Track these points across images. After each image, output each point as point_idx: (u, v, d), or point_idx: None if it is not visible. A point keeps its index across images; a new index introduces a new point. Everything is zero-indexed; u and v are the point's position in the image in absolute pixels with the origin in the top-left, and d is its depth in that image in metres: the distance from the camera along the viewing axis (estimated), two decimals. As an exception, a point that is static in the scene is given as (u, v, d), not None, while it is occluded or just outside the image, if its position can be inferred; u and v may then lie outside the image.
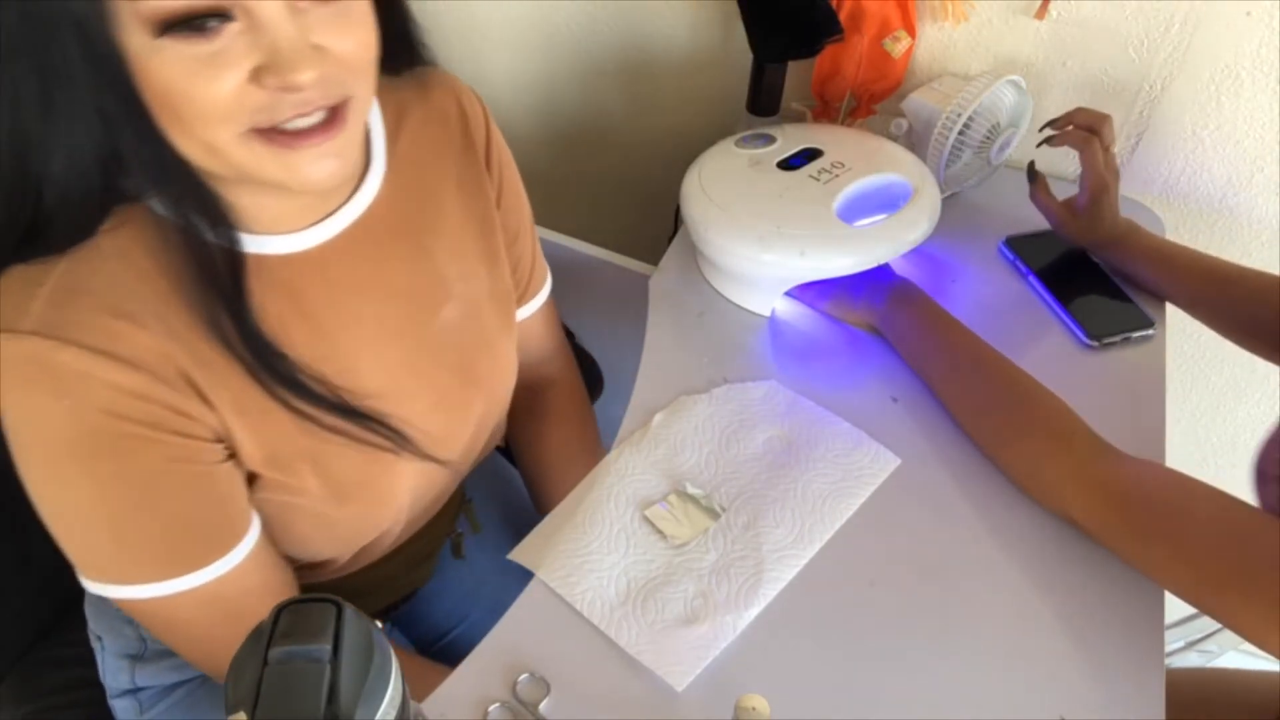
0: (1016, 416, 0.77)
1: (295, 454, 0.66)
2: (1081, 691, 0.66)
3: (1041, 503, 0.75)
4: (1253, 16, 0.95)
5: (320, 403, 0.65)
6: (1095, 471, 0.71)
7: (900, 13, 1.02)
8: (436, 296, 0.73)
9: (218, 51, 0.51)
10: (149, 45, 0.50)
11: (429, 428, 0.73)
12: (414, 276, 0.71)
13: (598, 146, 1.42)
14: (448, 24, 1.34)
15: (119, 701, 0.86)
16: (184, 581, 0.63)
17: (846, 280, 0.91)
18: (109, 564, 0.62)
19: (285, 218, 0.63)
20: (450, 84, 0.76)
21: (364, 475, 0.70)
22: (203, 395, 0.60)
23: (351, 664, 0.39)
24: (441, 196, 0.74)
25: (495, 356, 0.79)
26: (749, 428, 0.83)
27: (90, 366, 0.56)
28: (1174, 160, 1.08)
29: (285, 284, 0.64)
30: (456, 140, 0.75)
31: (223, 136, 0.53)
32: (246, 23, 0.51)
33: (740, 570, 0.72)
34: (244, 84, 0.52)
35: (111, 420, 0.57)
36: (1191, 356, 1.23)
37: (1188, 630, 1.35)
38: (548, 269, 0.91)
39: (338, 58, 0.55)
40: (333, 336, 0.66)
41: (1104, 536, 0.70)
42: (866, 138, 0.99)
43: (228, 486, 0.64)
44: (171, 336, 0.58)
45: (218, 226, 0.59)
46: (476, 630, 0.77)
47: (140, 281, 0.58)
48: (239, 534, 0.65)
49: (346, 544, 0.75)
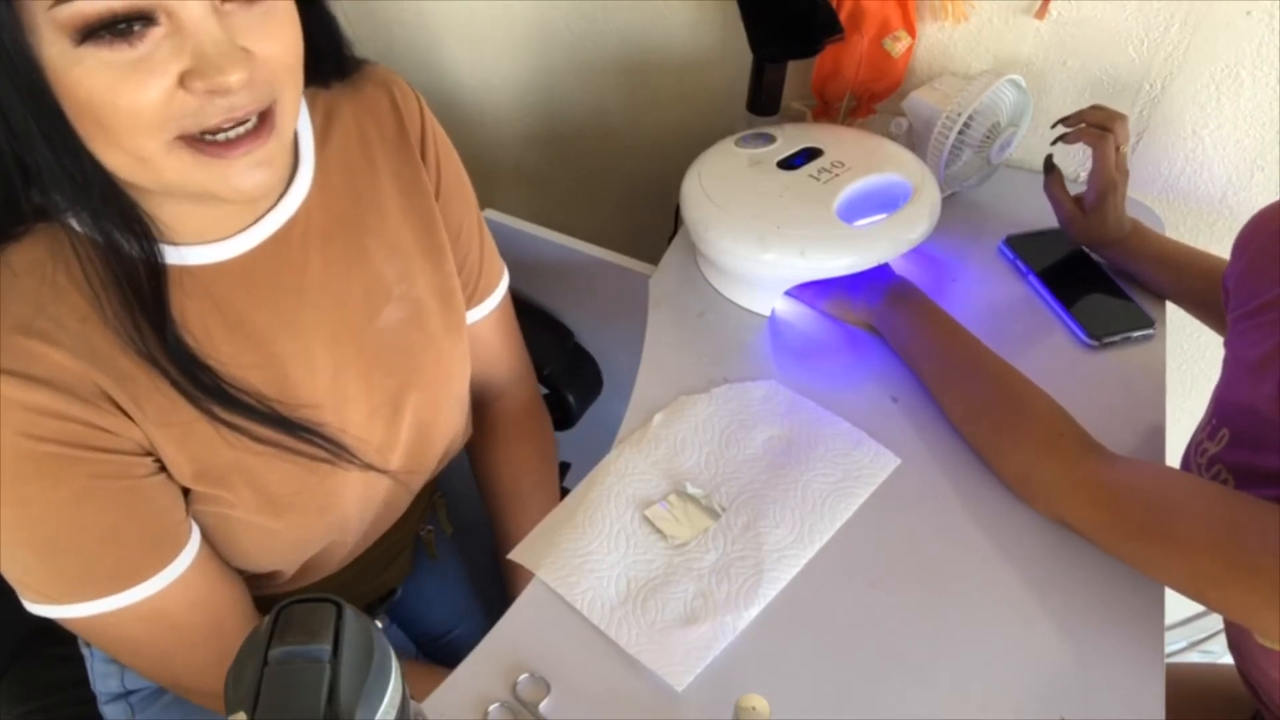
0: (1008, 420, 0.76)
1: (226, 467, 0.64)
2: (1081, 691, 0.66)
3: (1036, 507, 0.75)
4: (1253, 16, 0.95)
5: (249, 414, 0.63)
6: (1085, 473, 0.71)
7: (900, 12, 1.02)
8: (375, 299, 0.71)
9: (142, 57, 0.49)
10: (69, 54, 0.48)
11: (368, 436, 0.72)
12: (349, 280, 0.69)
13: (598, 146, 1.41)
14: (447, 24, 1.33)
15: (110, 707, 0.85)
16: (124, 597, 0.62)
17: (846, 280, 0.91)
18: (45, 585, 0.62)
19: (208, 227, 0.62)
20: (382, 77, 0.74)
21: (300, 486, 0.68)
22: (123, 410, 0.59)
23: (351, 664, 0.39)
24: (377, 195, 0.72)
25: (441, 359, 0.77)
26: (749, 428, 0.83)
27: (4, 389, 0.54)
28: (1174, 160, 1.08)
29: (210, 294, 0.62)
30: (390, 134, 0.73)
31: (150, 146, 0.52)
32: (170, 26, 0.50)
33: (740, 570, 0.72)
34: (171, 90, 0.50)
35: (30, 442, 0.56)
36: (1191, 356, 1.23)
37: (1189, 630, 1.35)
38: (503, 269, 0.88)
39: (264, 60, 0.54)
40: (262, 346, 0.65)
41: (1099, 538, 0.70)
42: (866, 137, 0.99)
43: (161, 499, 0.63)
44: (89, 353, 0.57)
45: (139, 239, 0.57)
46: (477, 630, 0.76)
47: (55, 297, 0.57)
48: (177, 547, 0.64)
49: (289, 555, 0.74)
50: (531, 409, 0.96)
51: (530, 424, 0.95)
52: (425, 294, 0.75)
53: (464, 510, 1.01)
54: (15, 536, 0.59)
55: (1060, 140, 0.94)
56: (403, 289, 0.73)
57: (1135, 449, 0.82)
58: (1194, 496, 0.65)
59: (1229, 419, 0.71)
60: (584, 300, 1.15)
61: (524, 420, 0.95)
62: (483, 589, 1.01)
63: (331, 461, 0.69)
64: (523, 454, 0.93)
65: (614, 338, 1.15)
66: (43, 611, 0.63)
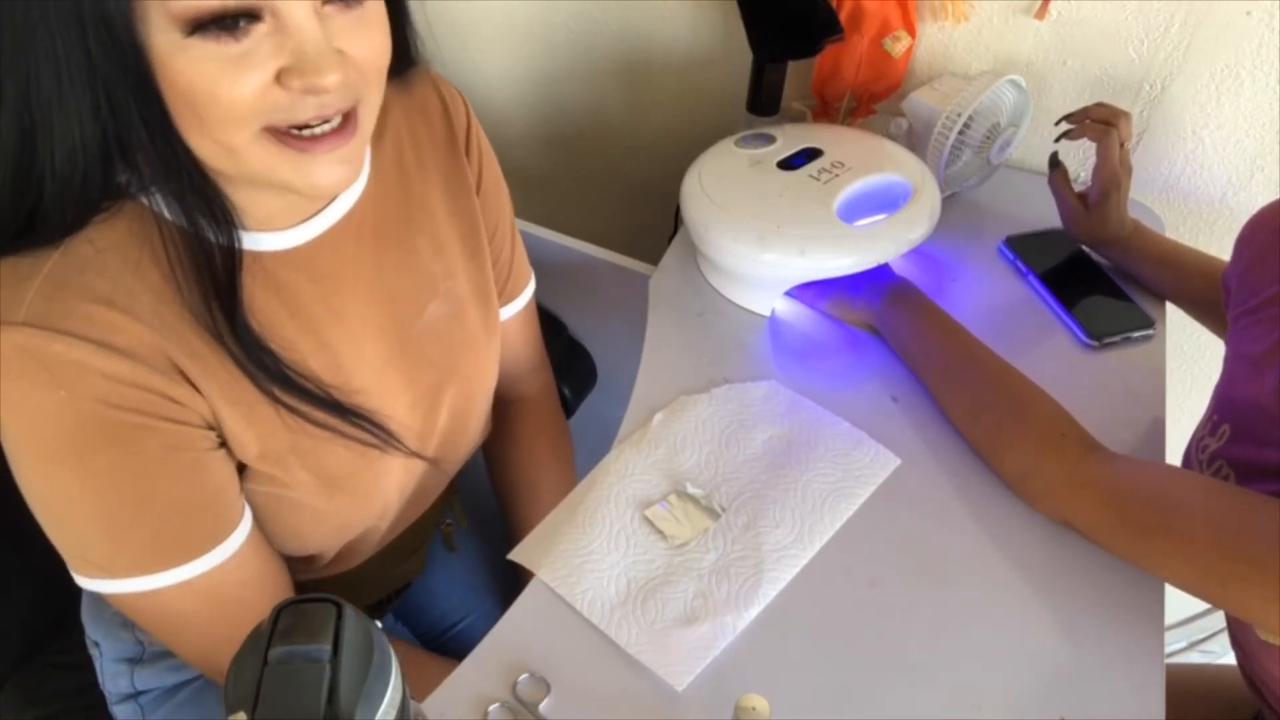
0: (1008, 420, 0.77)
1: (285, 448, 0.66)
2: (1081, 691, 0.66)
3: (1036, 507, 0.75)
4: (1253, 16, 0.95)
5: (308, 398, 0.65)
6: (1087, 472, 0.71)
7: (900, 13, 1.02)
8: (422, 294, 0.73)
9: (246, 52, 0.51)
10: (177, 44, 0.50)
11: (411, 424, 0.74)
12: (399, 274, 0.71)
13: (598, 146, 1.41)
14: (448, 23, 1.34)
15: (120, 708, 0.85)
16: (179, 573, 0.63)
17: (846, 280, 0.91)
18: (103, 558, 0.62)
19: (275, 215, 0.63)
20: (429, 77, 0.75)
21: (352, 469, 0.70)
22: (193, 383, 0.61)
23: (351, 664, 0.39)
24: (426, 192, 0.74)
25: (478, 355, 0.79)
26: (749, 428, 0.83)
27: (84, 356, 0.56)
28: (1174, 160, 1.08)
29: (273, 280, 0.64)
30: (439, 134, 0.75)
31: (241, 137, 0.53)
32: (274, 24, 0.51)
33: (740, 570, 0.72)
34: (268, 85, 0.52)
35: (108, 410, 0.57)
36: (1191, 356, 1.23)
37: (1189, 630, 1.35)
38: (531, 273, 0.90)
39: (356, 63, 0.55)
40: (318, 333, 0.67)
41: (1101, 537, 0.70)
42: (866, 137, 0.99)
43: (221, 475, 0.64)
44: (163, 327, 0.59)
45: (218, 224, 0.59)
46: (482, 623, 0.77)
47: (133, 274, 0.58)
48: (232, 523, 0.66)
49: (334, 537, 0.75)
50: (551, 410, 0.98)
51: (549, 425, 0.97)
52: (466, 291, 0.77)
53: (475, 505, 1.02)
54: (79, 509, 0.60)
55: (1064, 137, 0.94)
56: (447, 286, 0.75)
57: (1136, 449, 0.82)
58: (1196, 493, 0.65)
59: (1230, 415, 0.72)
60: (584, 300, 1.15)
61: (543, 420, 0.96)
62: (490, 582, 1.01)
63: (380, 447, 0.71)
64: (541, 454, 0.95)
65: (614, 338, 1.16)
66: (94, 586, 0.63)
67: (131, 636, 0.84)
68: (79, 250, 0.57)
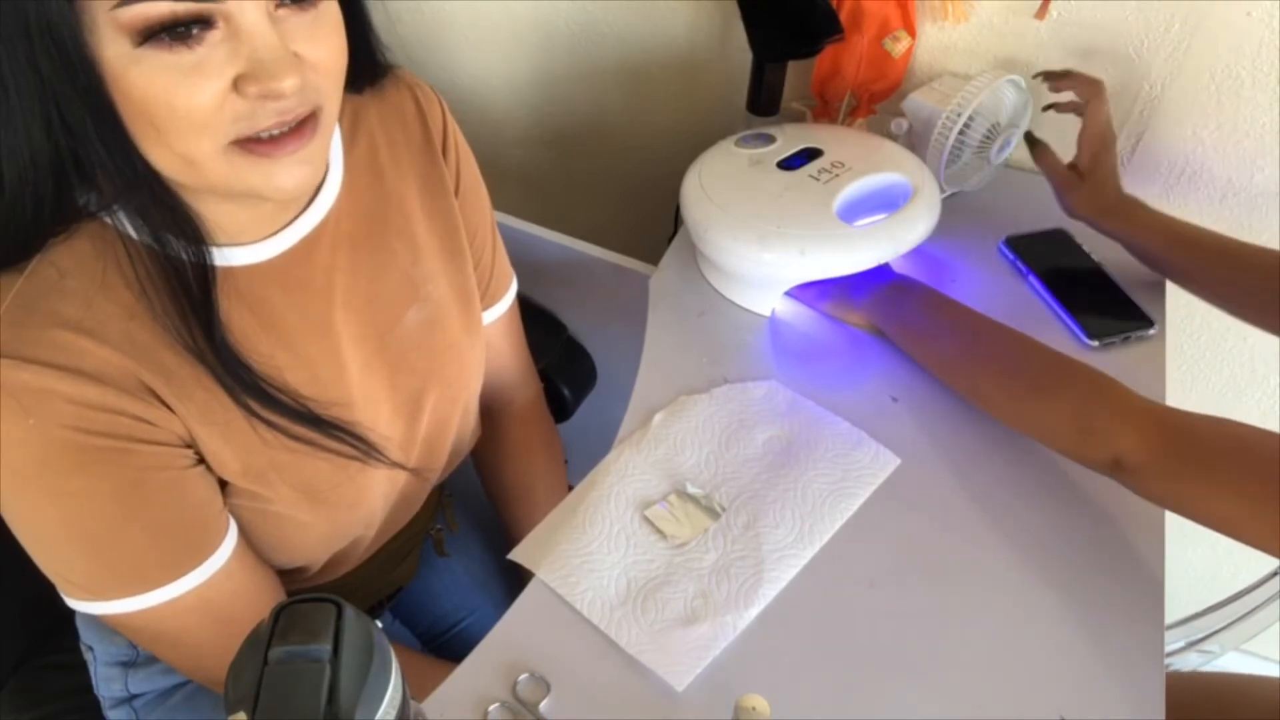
0: (1047, 374, 0.75)
1: (265, 464, 0.65)
2: (1081, 691, 0.66)
3: (1084, 454, 0.71)
4: (1253, 17, 0.95)
5: (286, 412, 0.64)
6: (1149, 407, 0.68)
7: (900, 13, 1.02)
8: (402, 300, 0.72)
9: (200, 60, 0.50)
10: (129, 55, 0.49)
11: (391, 433, 0.73)
12: (376, 280, 0.70)
13: (598, 146, 1.41)
14: (448, 23, 1.34)
15: (115, 712, 0.85)
16: (168, 590, 0.63)
17: (846, 280, 0.91)
18: (91, 581, 0.62)
19: (244, 228, 0.62)
20: (405, 79, 0.75)
21: (334, 482, 0.69)
22: (166, 404, 0.60)
23: (351, 664, 0.39)
24: (404, 197, 0.73)
25: (460, 359, 0.78)
26: (749, 428, 0.83)
27: (51, 383, 0.55)
28: (1174, 160, 1.08)
29: (246, 294, 0.63)
30: (415, 135, 0.74)
31: (204, 149, 0.52)
32: (227, 30, 0.50)
33: (740, 570, 0.72)
34: (225, 93, 0.51)
35: (77, 435, 0.56)
36: (1191, 356, 1.23)
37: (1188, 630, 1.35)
38: (513, 276, 0.89)
39: (313, 65, 0.55)
40: (294, 345, 0.66)
41: (1158, 478, 0.67)
42: (866, 138, 0.99)
43: (201, 491, 0.64)
44: (133, 349, 0.58)
45: (187, 240, 0.58)
46: (482, 623, 0.77)
47: (102, 295, 0.57)
48: (218, 537, 0.65)
49: (320, 549, 0.75)
50: (538, 413, 0.97)
51: (537, 427, 0.96)
52: (447, 295, 0.76)
53: (475, 504, 1.02)
54: (58, 535, 0.60)
55: (1051, 107, 0.94)
56: (427, 290, 0.74)
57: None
58: (1265, 437, 0.64)
59: None
60: (584, 300, 1.15)
61: (531, 424, 0.96)
62: (490, 582, 1.01)
63: (361, 459, 0.70)
64: (533, 457, 0.94)
65: (614, 338, 1.16)
66: (86, 608, 0.63)
67: (125, 640, 0.84)
68: (43, 274, 0.56)
